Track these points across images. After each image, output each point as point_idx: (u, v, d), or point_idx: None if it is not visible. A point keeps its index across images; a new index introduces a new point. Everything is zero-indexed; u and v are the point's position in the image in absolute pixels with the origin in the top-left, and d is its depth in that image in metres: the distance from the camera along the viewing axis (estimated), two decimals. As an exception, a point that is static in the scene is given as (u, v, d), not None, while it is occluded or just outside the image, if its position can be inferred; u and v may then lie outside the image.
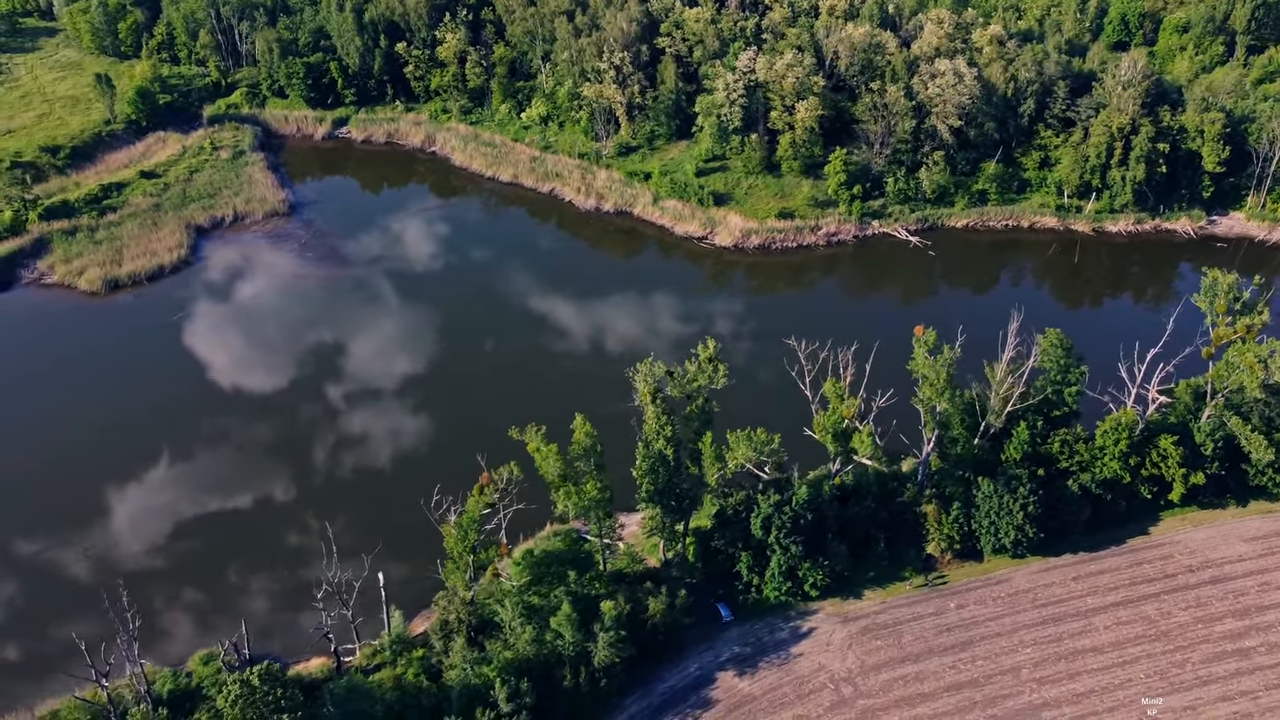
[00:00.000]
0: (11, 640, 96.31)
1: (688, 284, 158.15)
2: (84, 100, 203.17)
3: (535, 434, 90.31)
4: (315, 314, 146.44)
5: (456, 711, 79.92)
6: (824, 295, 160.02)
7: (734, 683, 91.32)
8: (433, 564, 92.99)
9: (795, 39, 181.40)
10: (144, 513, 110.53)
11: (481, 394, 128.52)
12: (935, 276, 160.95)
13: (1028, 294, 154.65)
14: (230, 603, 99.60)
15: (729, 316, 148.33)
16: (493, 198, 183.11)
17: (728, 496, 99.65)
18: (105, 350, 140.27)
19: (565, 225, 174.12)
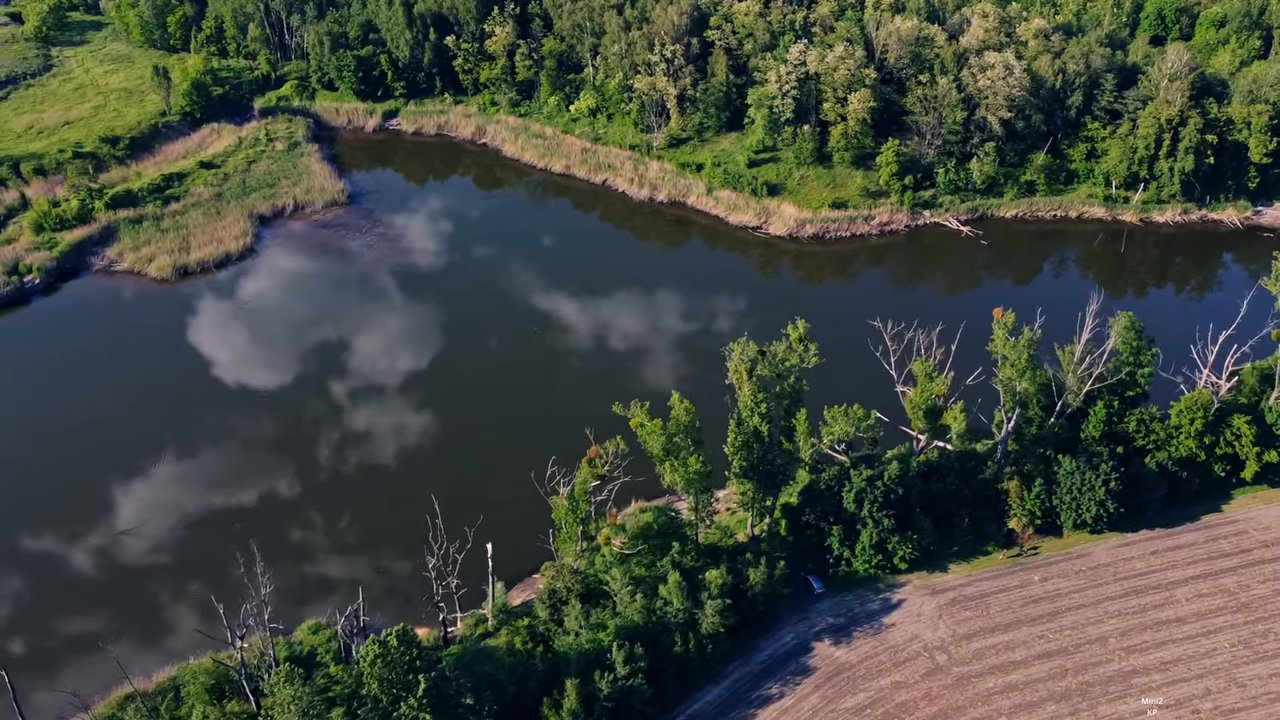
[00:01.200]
0: (145, 602, 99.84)
1: (747, 272, 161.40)
2: (137, 92, 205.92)
3: (640, 409, 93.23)
4: (395, 301, 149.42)
5: (575, 673, 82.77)
6: (883, 282, 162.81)
7: (830, 651, 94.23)
8: (521, 538, 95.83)
9: (845, 32, 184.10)
10: (260, 482, 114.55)
11: (571, 375, 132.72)
12: (989, 264, 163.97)
13: (1077, 282, 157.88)
14: (328, 575, 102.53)
15: (791, 302, 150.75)
16: (548, 189, 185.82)
17: (820, 472, 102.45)
18: (195, 330, 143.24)
19: (621, 216, 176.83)
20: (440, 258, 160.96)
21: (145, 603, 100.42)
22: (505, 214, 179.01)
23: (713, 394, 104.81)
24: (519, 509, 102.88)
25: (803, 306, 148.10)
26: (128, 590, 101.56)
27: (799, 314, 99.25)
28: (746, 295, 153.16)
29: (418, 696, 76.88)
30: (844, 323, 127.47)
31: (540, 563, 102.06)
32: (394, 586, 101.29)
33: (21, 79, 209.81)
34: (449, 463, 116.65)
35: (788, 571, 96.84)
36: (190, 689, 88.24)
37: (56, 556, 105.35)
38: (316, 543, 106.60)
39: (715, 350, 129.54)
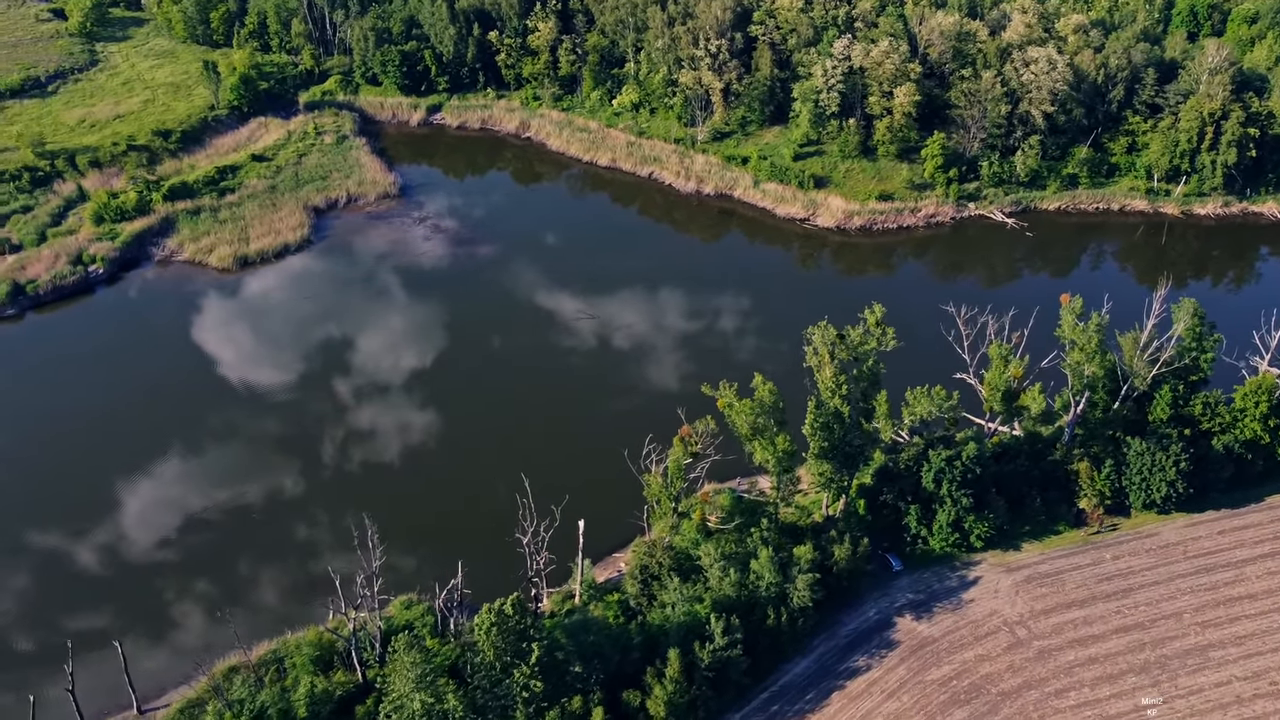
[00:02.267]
0: (267, 575, 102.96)
1: (799, 262, 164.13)
2: (184, 87, 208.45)
3: (728, 390, 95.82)
4: (462, 290, 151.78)
5: (675, 644, 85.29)
6: (933, 272, 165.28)
7: (912, 626, 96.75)
8: (600, 518, 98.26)
9: (888, 27, 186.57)
10: (348, 461, 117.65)
11: (646, 358, 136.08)
12: (1036, 255, 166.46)
13: (1124, 272, 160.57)
14: (421, 553, 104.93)
15: (845, 291, 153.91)
16: (595, 181, 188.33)
17: (898, 452, 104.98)
18: (271, 318, 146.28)
19: (669, 208, 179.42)
20: (498, 248, 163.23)
21: (240, 578, 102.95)
22: (556, 205, 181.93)
23: (783, 378, 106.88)
24: (600, 490, 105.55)
25: (857, 295, 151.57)
26: (226, 565, 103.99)
27: (854, 302, 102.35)
28: (802, 285, 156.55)
29: (530, 664, 79.53)
30: (896, 311, 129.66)
31: (619, 541, 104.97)
32: (484, 564, 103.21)
33: (69, 74, 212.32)
34: (535, 445, 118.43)
35: (869, 549, 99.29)
36: (295, 660, 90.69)
37: (165, 533, 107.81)
38: (411, 522, 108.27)
39: (780, 336, 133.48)
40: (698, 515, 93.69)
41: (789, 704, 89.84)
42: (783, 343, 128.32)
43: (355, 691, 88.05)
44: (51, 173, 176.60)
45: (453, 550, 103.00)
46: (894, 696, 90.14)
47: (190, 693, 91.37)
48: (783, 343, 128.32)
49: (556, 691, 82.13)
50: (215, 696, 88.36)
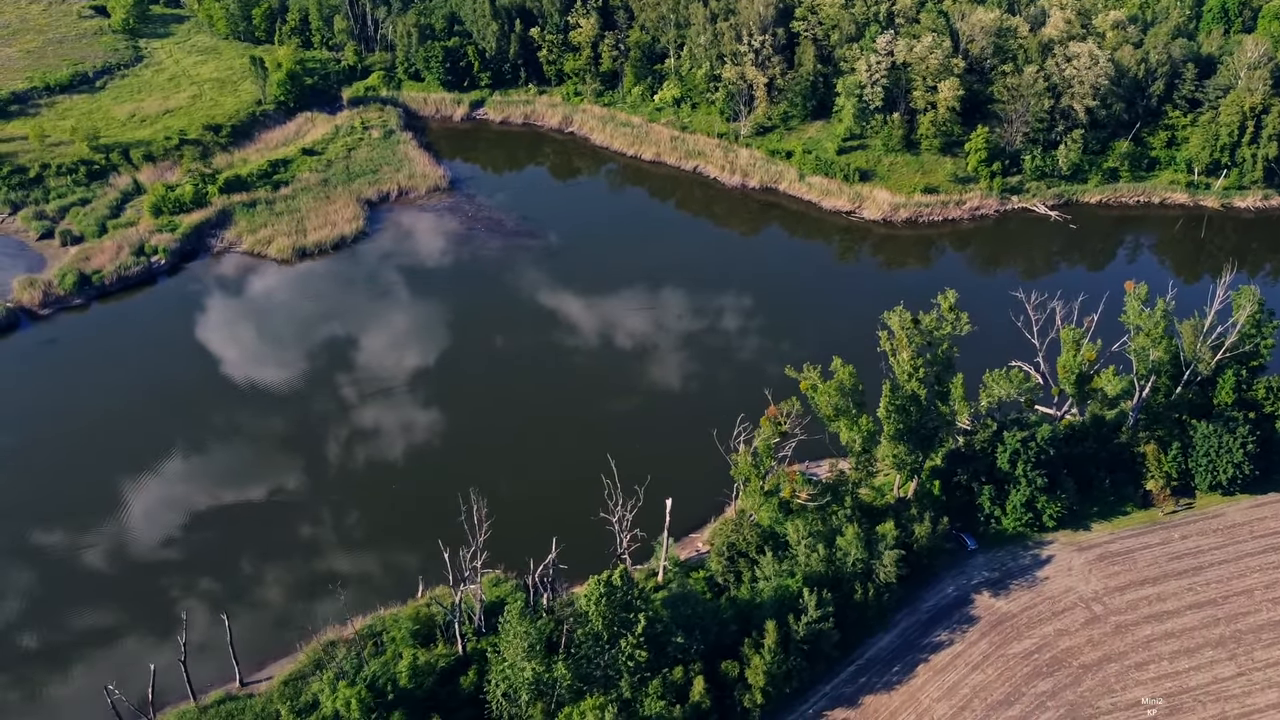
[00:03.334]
0: (372, 547, 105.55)
1: (850, 253, 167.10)
2: (229, 82, 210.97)
3: (812, 372, 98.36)
4: (523, 279, 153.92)
5: (770, 616, 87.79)
6: (983, 262, 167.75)
7: (991, 602, 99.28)
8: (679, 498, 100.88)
9: (929, 23, 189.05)
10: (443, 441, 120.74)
11: (708, 345, 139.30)
12: (1081, 246, 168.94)
13: (1165, 264, 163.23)
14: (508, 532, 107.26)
15: (898, 281, 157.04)
16: (640, 175, 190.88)
17: (973, 434, 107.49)
18: (340, 307, 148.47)
19: (715, 201, 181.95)
20: (552, 240, 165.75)
21: (336, 553, 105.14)
22: (603, 199, 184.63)
23: (854, 363, 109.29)
24: (678, 472, 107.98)
25: (911, 285, 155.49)
26: (320, 541, 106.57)
27: (909, 291, 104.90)
28: (855, 274, 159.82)
29: (636, 634, 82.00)
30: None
31: (695, 522, 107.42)
32: (570, 542, 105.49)
33: (116, 69, 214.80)
34: (616, 429, 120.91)
35: (948, 528, 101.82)
36: (394, 634, 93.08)
37: (271, 510, 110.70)
38: (494, 501, 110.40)
39: (844, 323, 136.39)
40: (787, 492, 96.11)
41: (876, 676, 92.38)
42: (847, 329, 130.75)
43: (455, 664, 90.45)
44: (107, 166, 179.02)
45: (533, 529, 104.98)
46: (978, 669, 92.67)
47: (291, 666, 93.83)
48: (847, 329, 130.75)
49: (658, 662, 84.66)
50: (321, 668, 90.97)
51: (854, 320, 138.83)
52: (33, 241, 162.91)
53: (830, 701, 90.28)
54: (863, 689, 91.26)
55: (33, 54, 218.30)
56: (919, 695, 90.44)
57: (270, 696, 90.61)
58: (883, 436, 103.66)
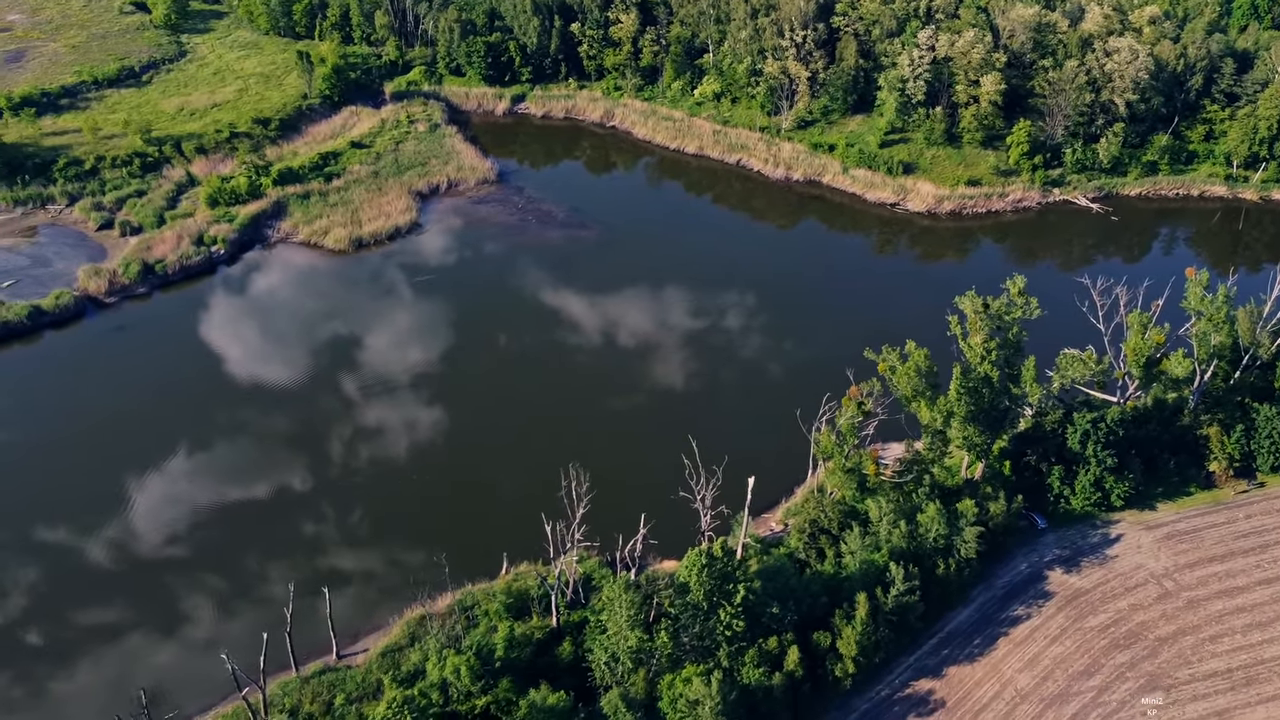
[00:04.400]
0: (458, 527, 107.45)
1: (896, 244, 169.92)
2: (274, 77, 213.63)
3: (891, 354, 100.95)
4: (578, 268, 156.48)
5: (858, 589, 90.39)
6: (1029, 253, 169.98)
7: (1064, 578, 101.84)
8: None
9: (969, 19, 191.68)
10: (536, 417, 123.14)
11: (780, 328, 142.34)
12: (1123, 237, 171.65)
13: (1195, 256, 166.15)
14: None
15: (949, 270, 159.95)
16: (683, 168, 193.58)
17: (1043, 415, 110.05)
18: (399, 294, 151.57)
19: (759, 193, 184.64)
20: (603, 231, 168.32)
21: (430, 528, 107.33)
22: (649, 191, 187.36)
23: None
24: (750, 453, 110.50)
25: (960, 274, 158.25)
26: (414, 516, 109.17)
27: (962, 280, 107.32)
28: (907, 264, 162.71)
29: (735, 604, 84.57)
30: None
31: (766, 503, 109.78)
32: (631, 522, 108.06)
33: (161, 64, 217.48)
34: (693, 410, 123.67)
35: (1021, 506, 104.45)
36: (487, 608, 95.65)
37: (369, 488, 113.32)
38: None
39: (904, 309, 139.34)
40: (872, 470, 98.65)
41: (958, 648, 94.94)
42: (907, 316, 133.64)
43: (549, 636, 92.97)
44: (160, 158, 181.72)
45: (611, 509, 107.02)
46: (1057, 641, 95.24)
47: (386, 639, 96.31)
48: (907, 316, 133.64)
49: (753, 632, 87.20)
50: (416, 641, 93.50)
51: (912, 308, 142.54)
52: (92, 232, 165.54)
53: (915, 673, 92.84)
54: (945, 660, 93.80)
55: (78, 49, 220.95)
56: (1001, 667, 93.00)
57: (369, 667, 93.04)
58: (954, 418, 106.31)
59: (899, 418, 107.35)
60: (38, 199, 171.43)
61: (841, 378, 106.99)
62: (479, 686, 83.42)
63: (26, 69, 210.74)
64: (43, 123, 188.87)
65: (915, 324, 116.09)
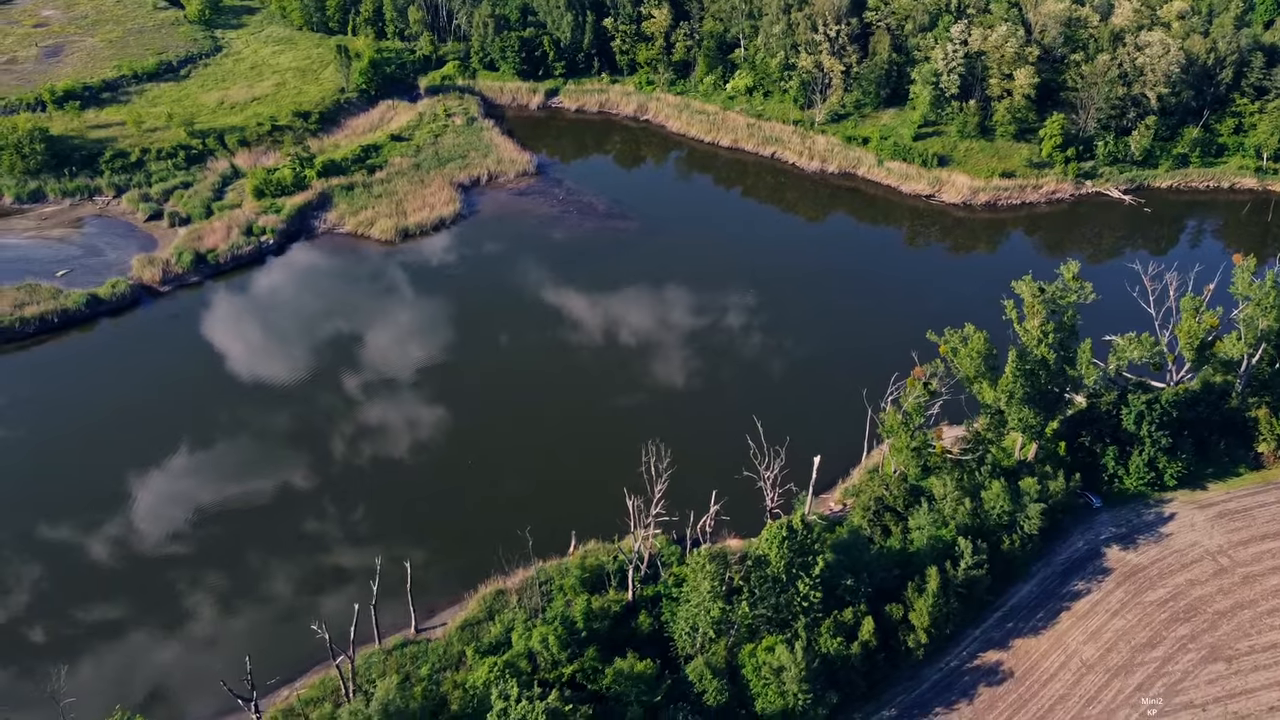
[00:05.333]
0: (530, 504, 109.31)
1: (935, 234, 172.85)
2: (310, 71, 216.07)
3: (954, 336, 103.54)
4: (627, 257, 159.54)
5: (928, 563, 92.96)
6: (1064, 243, 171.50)
7: (1121, 555, 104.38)
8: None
9: (1001, 13, 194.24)
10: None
11: (826, 315, 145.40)
12: (1157, 228, 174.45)
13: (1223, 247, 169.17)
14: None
15: (990, 260, 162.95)
16: (718, 161, 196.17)
17: (1098, 397, 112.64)
18: (453, 282, 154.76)
19: (795, 186, 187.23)
20: (643, 222, 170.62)
21: (511, 502, 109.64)
22: (685, 183, 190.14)
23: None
24: (812, 434, 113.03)
25: (1000, 263, 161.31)
26: (493, 491, 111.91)
27: (1002, 268, 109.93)
28: (945, 254, 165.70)
29: (813, 576, 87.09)
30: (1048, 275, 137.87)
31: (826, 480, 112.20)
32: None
33: (198, 59, 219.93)
34: (750, 393, 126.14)
35: (1079, 484, 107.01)
36: (563, 582, 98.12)
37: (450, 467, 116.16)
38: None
39: (948, 296, 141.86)
40: (939, 448, 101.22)
41: (1022, 621, 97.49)
42: (953, 302, 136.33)
43: (624, 610, 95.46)
44: (204, 151, 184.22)
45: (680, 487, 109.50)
46: (1118, 615, 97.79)
47: (463, 613, 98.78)
48: (953, 302, 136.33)
49: (828, 603, 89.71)
50: (494, 615, 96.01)
51: (956, 295, 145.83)
52: (141, 222, 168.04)
53: (982, 645, 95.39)
54: (1011, 633, 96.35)
55: (115, 44, 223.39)
56: (1065, 639, 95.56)
57: (449, 640, 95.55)
58: (1011, 401, 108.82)
59: (960, 398, 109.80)
60: (85, 190, 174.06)
61: (891, 361, 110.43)
62: (566, 655, 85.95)
63: (65, 63, 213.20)
64: (86, 116, 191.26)
65: (961, 310, 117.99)
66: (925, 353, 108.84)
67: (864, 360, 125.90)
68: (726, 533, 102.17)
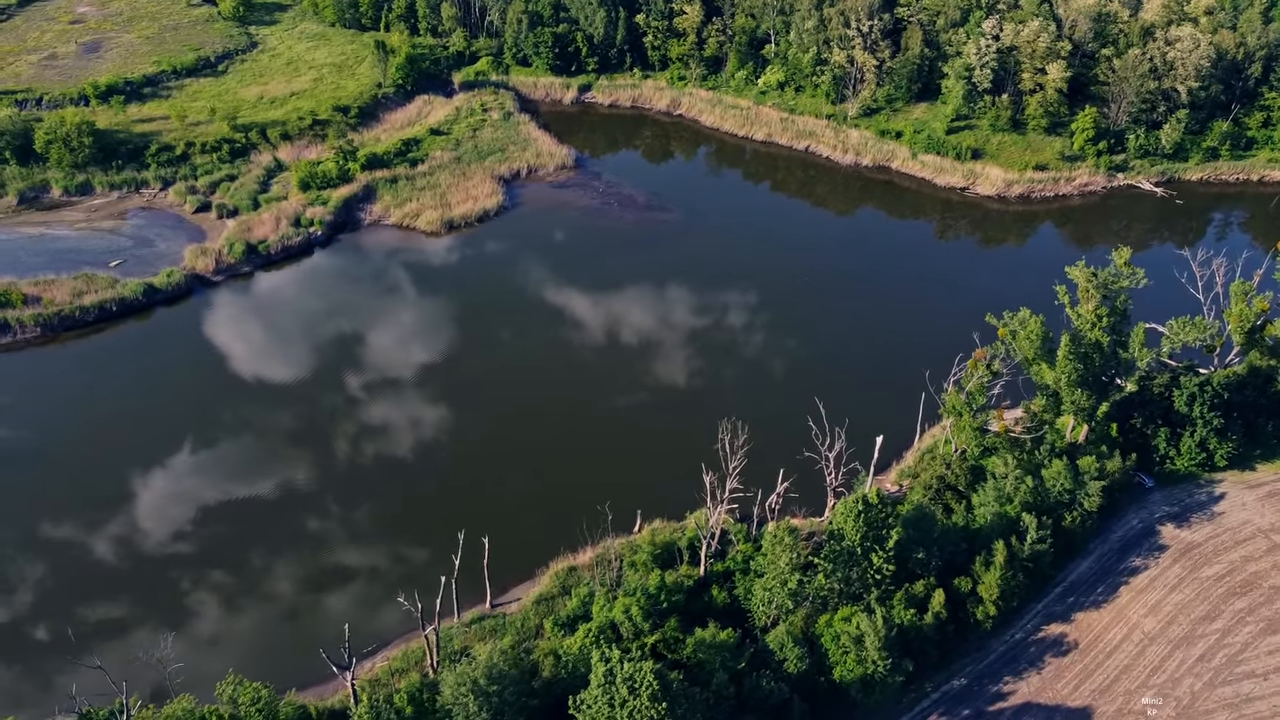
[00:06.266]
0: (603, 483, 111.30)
1: (972, 226, 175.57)
2: (346, 67, 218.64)
3: (1013, 319, 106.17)
4: (674, 248, 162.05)
5: (995, 537, 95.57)
6: (1098, 235, 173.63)
7: (1175, 533, 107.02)
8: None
9: (1032, 9, 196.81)
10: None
11: (874, 302, 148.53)
12: (1191, 220, 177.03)
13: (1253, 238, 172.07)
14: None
15: (1030, 250, 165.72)
16: (752, 155, 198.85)
17: (1150, 379, 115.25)
18: (506, 271, 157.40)
19: (830, 178, 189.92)
20: (682, 214, 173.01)
21: (585, 483, 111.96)
22: (721, 177, 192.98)
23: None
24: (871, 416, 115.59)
25: (1041, 253, 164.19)
26: (570, 470, 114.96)
27: (1041, 258, 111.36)
28: (983, 244, 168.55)
29: (887, 549, 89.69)
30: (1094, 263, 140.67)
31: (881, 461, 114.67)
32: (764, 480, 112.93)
33: (234, 55, 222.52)
34: (810, 377, 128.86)
35: (1135, 463, 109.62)
36: (635, 559, 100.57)
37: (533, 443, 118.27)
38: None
39: (992, 284, 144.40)
40: (1001, 427, 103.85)
41: (1083, 595, 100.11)
42: (997, 290, 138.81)
43: (696, 585, 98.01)
44: (247, 144, 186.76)
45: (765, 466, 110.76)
46: (1176, 590, 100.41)
47: (537, 589, 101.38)
48: (997, 290, 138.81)
49: (898, 576, 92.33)
50: (567, 590, 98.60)
51: (998, 282, 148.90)
52: (189, 214, 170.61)
53: (1045, 618, 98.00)
54: (1072, 607, 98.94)
55: (152, 40, 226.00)
56: (1126, 612, 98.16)
57: (525, 614, 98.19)
58: (1064, 383, 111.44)
59: (1018, 380, 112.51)
60: (132, 183, 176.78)
61: (941, 347, 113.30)
62: (648, 625, 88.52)
63: (105, 59, 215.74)
64: (130, 110, 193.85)
65: (1004, 298, 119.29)
66: (966, 341, 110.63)
67: (913, 347, 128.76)
68: (794, 510, 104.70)
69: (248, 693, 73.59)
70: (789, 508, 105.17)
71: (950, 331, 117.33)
